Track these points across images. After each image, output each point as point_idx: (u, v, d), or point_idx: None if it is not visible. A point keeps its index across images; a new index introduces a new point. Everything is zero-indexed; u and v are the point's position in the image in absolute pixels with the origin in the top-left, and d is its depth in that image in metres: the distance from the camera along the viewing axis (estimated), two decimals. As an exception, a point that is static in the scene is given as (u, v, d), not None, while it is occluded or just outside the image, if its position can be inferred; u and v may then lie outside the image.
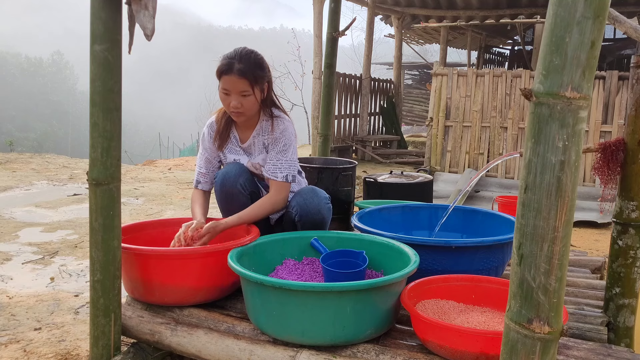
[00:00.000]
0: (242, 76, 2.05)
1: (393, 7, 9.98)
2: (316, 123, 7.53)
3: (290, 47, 16.64)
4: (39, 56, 51.45)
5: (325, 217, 2.21)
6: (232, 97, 2.09)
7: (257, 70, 2.10)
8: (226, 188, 2.18)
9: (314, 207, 2.17)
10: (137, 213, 4.85)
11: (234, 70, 2.05)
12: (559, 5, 0.94)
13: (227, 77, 2.06)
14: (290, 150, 2.20)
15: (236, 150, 2.29)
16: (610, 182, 1.79)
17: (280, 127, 2.19)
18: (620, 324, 1.82)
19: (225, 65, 2.06)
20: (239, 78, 2.05)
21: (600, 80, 6.39)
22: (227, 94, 2.09)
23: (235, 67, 2.05)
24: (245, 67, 2.06)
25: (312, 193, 2.20)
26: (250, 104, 2.12)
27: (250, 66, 2.07)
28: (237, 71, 2.05)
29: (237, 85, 2.06)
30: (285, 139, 2.19)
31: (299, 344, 1.59)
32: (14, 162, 7.74)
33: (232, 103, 2.09)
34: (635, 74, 1.77)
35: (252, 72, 2.08)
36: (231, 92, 2.08)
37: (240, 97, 2.09)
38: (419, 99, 18.09)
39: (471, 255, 1.99)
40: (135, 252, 1.83)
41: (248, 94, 2.09)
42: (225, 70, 2.06)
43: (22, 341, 2.22)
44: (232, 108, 2.10)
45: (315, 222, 2.17)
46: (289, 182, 2.18)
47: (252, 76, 2.07)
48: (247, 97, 2.09)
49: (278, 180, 2.16)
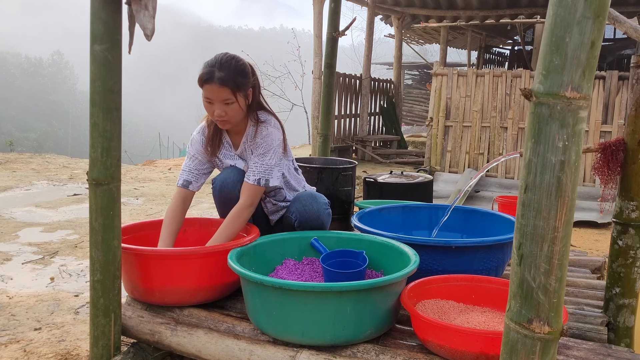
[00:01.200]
0: (224, 85, 1.99)
1: (393, 7, 9.98)
2: (316, 123, 7.54)
3: (290, 47, 16.64)
4: (39, 56, 51.45)
5: (325, 222, 2.21)
6: (216, 106, 2.03)
7: (239, 78, 2.03)
8: (225, 193, 2.17)
9: (314, 212, 2.16)
10: (137, 213, 4.85)
11: (214, 79, 1.99)
12: (559, 5, 0.94)
13: (208, 86, 2.00)
14: (269, 155, 2.12)
15: (231, 156, 2.25)
16: (610, 182, 1.79)
17: (263, 133, 2.13)
18: (620, 324, 1.82)
19: (206, 73, 2.00)
20: (220, 87, 1.99)
21: (600, 80, 6.39)
22: (211, 103, 2.04)
23: (215, 75, 1.99)
24: (226, 75, 1.99)
25: (311, 199, 2.18)
26: (234, 111, 2.06)
27: (231, 74, 2.01)
28: (218, 80, 1.99)
29: (219, 94, 2.01)
30: (266, 144, 2.12)
31: (299, 344, 1.59)
32: (14, 162, 7.74)
33: (216, 112, 2.03)
34: (635, 74, 1.77)
35: (234, 79, 2.01)
36: (214, 101, 2.03)
37: (224, 106, 2.03)
38: (419, 99, 18.09)
39: (471, 255, 1.99)
40: (135, 252, 1.83)
41: (231, 101, 2.03)
42: (207, 79, 1.99)
43: (22, 341, 2.22)
44: (217, 116, 2.05)
45: (314, 228, 2.17)
46: (261, 186, 2.09)
47: (233, 84, 2.01)
48: (231, 105, 2.04)
49: (249, 182, 2.08)
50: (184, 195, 2.17)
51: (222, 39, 76.06)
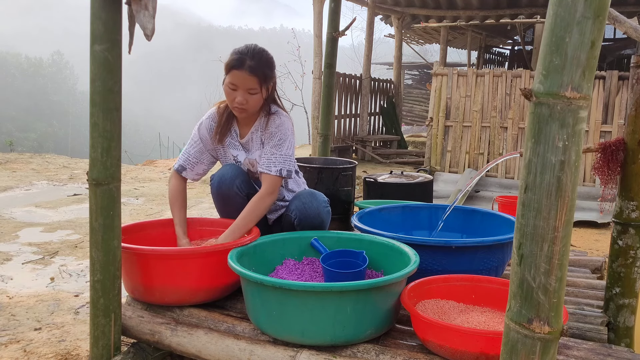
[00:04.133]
0: (253, 73, 2.03)
1: (393, 7, 9.98)
2: (316, 123, 7.53)
3: (290, 47, 16.62)
4: (39, 56, 51.43)
5: (325, 220, 2.21)
6: (239, 93, 2.06)
7: (267, 70, 2.08)
8: (222, 190, 2.17)
9: (314, 211, 2.16)
10: (137, 213, 4.85)
11: (245, 66, 2.02)
12: (559, 5, 0.94)
13: (237, 72, 2.03)
14: (285, 145, 2.14)
15: (235, 145, 2.26)
16: (610, 182, 1.79)
17: (277, 122, 2.16)
18: (620, 323, 1.82)
19: (237, 60, 2.03)
20: (250, 75, 2.03)
21: (600, 80, 6.39)
22: (234, 89, 2.06)
23: (247, 63, 2.02)
24: (256, 65, 2.03)
25: (311, 197, 2.19)
26: (255, 101, 2.10)
27: (262, 64, 2.05)
28: (249, 68, 2.02)
29: (246, 81, 2.04)
30: (281, 134, 2.15)
31: (299, 344, 1.59)
32: (14, 162, 7.74)
33: (238, 99, 2.06)
34: (635, 74, 1.77)
35: (263, 70, 2.05)
36: (238, 88, 2.05)
37: (247, 94, 2.06)
38: (419, 99, 18.09)
39: (471, 255, 1.99)
40: (135, 252, 1.83)
41: (255, 92, 2.07)
42: (236, 65, 2.03)
43: (22, 341, 2.22)
44: (237, 104, 2.07)
45: (314, 226, 2.17)
46: (282, 177, 2.11)
47: (262, 75, 2.05)
48: (254, 95, 2.07)
49: (271, 174, 2.09)
50: (179, 179, 2.22)
51: (222, 38, 75.96)
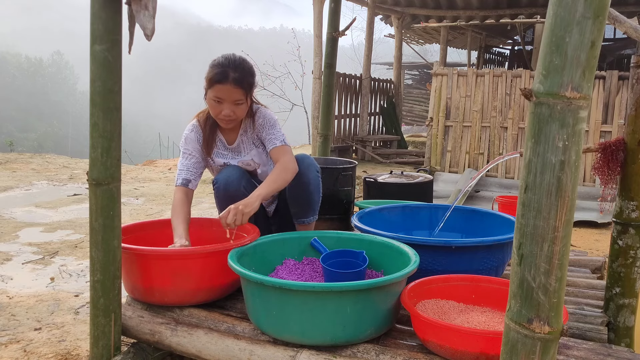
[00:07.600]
0: (238, 85, 2.02)
1: (393, 7, 9.97)
2: (316, 123, 7.53)
3: (290, 47, 16.62)
4: (39, 56, 51.44)
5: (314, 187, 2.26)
6: (225, 106, 2.06)
7: (250, 78, 2.09)
8: (230, 192, 2.17)
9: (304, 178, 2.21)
10: (137, 213, 4.85)
11: (229, 79, 2.01)
12: (559, 5, 0.94)
13: (221, 86, 2.02)
14: (277, 126, 2.24)
15: (224, 154, 2.27)
16: (610, 182, 1.79)
17: (261, 115, 2.23)
18: (620, 323, 1.82)
19: (220, 74, 2.01)
20: (235, 87, 2.02)
21: (600, 80, 6.39)
22: (220, 102, 2.06)
23: (230, 76, 2.01)
24: (240, 76, 2.03)
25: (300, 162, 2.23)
26: (242, 111, 2.12)
27: (245, 75, 2.05)
28: (233, 80, 2.01)
29: (231, 94, 2.03)
30: (269, 120, 2.23)
31: (299, 344, 1.59)
32: (14, 162, 7.74)
33: (225, 112, 2.06)
34: (635, 74, 1.77)
35: (247, 80, 2.06)
36: (224, 101, 2.05)
37: (233, 106, 2.06)
38: (419, 99, 18.08)
39: (471, 255, 1.99)
40: (135, 252, 1.83)
41: (241, 102, 2.07)
42: (220, 79, 2.01)
43: (22, 341, 2.22)
44: (224, 116, 2.08)
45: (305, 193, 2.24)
46: (289, 145, 2.20)
47: (247, 85, 2.06)
48: (240, 105, 2.08)
49: (278, 145, 2.18)
50: (185, 191, 2.19)
51: (222, 38, 76.07)
